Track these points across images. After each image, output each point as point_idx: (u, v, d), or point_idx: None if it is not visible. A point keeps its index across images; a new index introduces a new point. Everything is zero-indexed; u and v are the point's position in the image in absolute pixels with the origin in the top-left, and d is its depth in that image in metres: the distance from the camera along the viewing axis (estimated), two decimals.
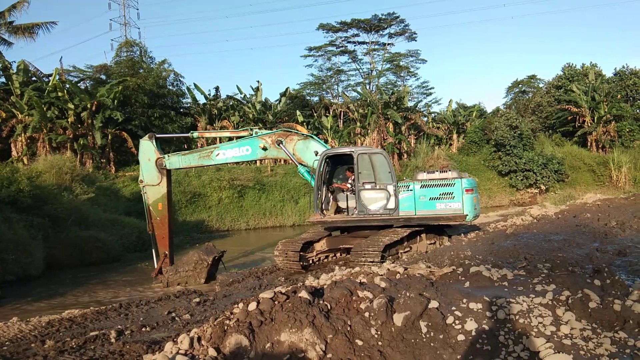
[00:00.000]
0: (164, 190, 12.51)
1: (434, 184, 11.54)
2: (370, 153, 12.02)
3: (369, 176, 11.68)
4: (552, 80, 48.69)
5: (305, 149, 12.30)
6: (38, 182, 16.73)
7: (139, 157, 12.79)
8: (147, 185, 12.49)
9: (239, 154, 12.52)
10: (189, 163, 12.85)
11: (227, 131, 14.23)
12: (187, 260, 12.16)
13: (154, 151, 12.51)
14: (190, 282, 11.84)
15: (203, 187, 27.40)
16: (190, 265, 11.99)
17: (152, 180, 12.45)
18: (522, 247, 8.53)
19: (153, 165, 12.42)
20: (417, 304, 4.68)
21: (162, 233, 12.58)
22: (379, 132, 37.20)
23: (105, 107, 28.45)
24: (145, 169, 12.49)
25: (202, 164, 13.23)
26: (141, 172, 12.63)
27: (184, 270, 11.98)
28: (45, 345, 6.13)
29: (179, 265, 12.18)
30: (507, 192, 36.04)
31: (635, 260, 7.62)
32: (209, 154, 12.60)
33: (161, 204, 12.49)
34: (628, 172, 36.38)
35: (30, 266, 13.44)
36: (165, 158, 12.48)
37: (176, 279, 11.95)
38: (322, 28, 53.11)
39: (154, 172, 12.43)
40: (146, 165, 12.49)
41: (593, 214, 14.68)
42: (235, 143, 12.61)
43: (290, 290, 5.04)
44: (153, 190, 12.49)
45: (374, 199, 11.64)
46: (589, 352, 4.06)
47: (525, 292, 5.40)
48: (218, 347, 4.22)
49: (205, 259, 12.01)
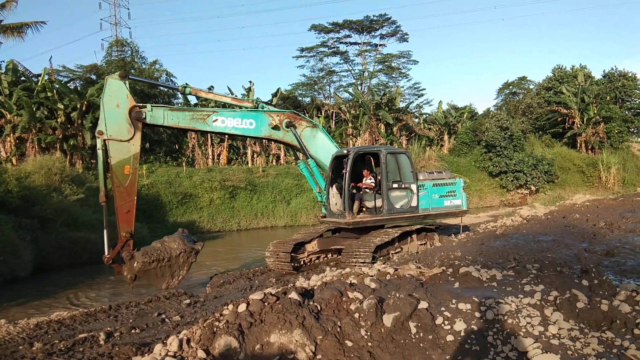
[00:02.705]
0: (136, 150, 10.01)
1: (442, 183, 12.90)
2: (396, 152, 12.53)
3: (393, 175, 12.01)
4: (542, 81, 49.14)
5: (312, 138, 12.04)
6: (27, 183, 16.56)
7: (103, 100, 9.86)
8: (112, 140, 9.73)
9: (240, 125, 11.05)
10: (176, 122, 10.56)
11: (229, 97, 11.59)
12: (160, 249, 9.85)
13: (127, 95, 9.97)
14: (157, 282, 9.75)
15: (194, 188, 27.28)
16: (165, 255, 9.68)
17: (119, 134, 9.78)
18: (511, 247, 8.59)
19: (124, 114, 9.86)
20: (406, 304, 4.70)
21: (127, 206, 10.04)
22: (371, 133, 37.28)
23: (95, 107, 28.22)
24: (111, 118, 9.76)
25: (194, 127, 10.93)
26: (102, 121, 9.75)
27: (157, 261, 9.60)
28: (33, 347, 6.07)
29: (149, 252, 9.72)
30: (498, 193, 36.22)
31: (623, 260, 7.70)
32: (204, 117, 10.72)
33: (129, 167, 9.96)
34: (617, 173, 36.72)
35: (19, 267, 13.29)
36: (146, 108, 10.14)
37: (143, 272, 9.50)
38: (314, 29, 53.19)
39: (124, 124, 9.85)
40: (113, 113, 9.78)
41: (582, 215, 14.81)
42: (238, 112, 11.14)
43: (280, 292, 5.05)
44: (119, 148, 9.82)
45: (400, 197, 12.12)
46: (577, 351, 4.09)
47: (514, 292, 5.44)
48: (207, 348, 4.21)
49: (191, 249, 10.06)
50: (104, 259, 9.85)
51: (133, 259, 9.65)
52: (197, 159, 34.68)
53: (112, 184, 9.96)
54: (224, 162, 35.87)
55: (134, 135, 9.97)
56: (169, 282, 9.90)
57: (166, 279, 9.82)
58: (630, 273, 6.88)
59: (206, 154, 35.57)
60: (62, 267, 15.09)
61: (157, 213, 24.86)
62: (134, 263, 9.57)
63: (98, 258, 15.90)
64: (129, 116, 9.91)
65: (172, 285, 9.93)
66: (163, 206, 25.50)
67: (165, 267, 9.71)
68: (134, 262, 9.58)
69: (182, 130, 11.61)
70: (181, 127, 10.87)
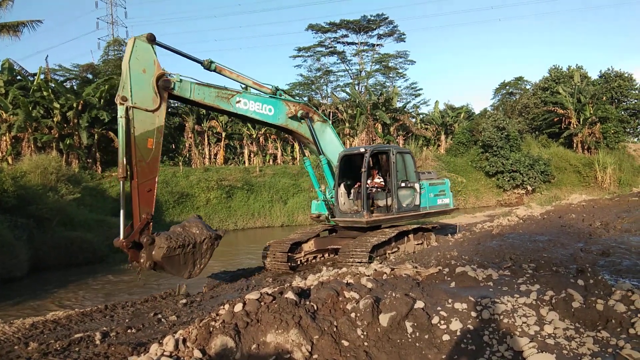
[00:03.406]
0: (160, 122, 8.95)
1: (436, 183, 13.44)
2: (403, 152, 12.74)
3: (401, 175, 12.23)
4: (538, 82, 49.31)
5: (322, 133, 11.96)
6: (23, 182, 16.52)
7: (129, 62, 8.62)
8: (136, 109, 8.56)
9: (260, 110, 10.69)
10: (202, 97, 9.82)
11: (251, 79, 10.83)
12: (183, 233, 8.76)
13: (155, 61, 8.88)
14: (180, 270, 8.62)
15: (191, 188, 27.26)
16: (190, 241, 8.62)
17: (144, 102, 8.70)
18: (507, 247, 8.60)
19: (150, 82, 8.81)
20: (403, 304, 4.71)
21: (149, 183, 8.73)
22: (368, 133, 37.31)
23: (91, 106, 28.19)
24: (137, 84, 8.66)
25: (218, 106, 10.25)
26: (127, 86, 8.57)
27: (182, 247, 8.48)
28: (28, 347, 6.05)
29: (172, 237, 8.57)
30: (494, 193, 36.32)
31: (618, 260, 7.72)
32: (228, 97, 10.18)
33: (152, 141, 8.83)
34: (613, 173, 36.88)
35: (15, 267, 13.26)
36: (174, 77, 9.26)
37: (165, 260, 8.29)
38: (311, 28, 53.24)
39: (150, 92, 8.79)
40: (139, 79, 8.71)
41: (578, 215, 14.85)
42: (259, 97, 10.79)
43: (277, 291, 5.05)
44: (143, 118, 8.69)
45: (407, 196, 12.37)
46: (572, 351, 4.10)
47: (510, 292, 5.45)
48: (203, 348, 4.20)
49: (216, 236, 9.05)
50: (120, 243, 8.27)
51: (153, 244, 8.42)
52: (193, 158, 34.63)
53: (133, 158, 8.55)
54: (220, 161, 35.84)
55: (159, 106, 8.88)
56: (192, 271, 8.78)
57: (188, 268, 8.68)
58: (626, 273, 6.90)
59: (203, 154, 35.53)
60: (58, 266, 15.06)
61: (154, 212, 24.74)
62: (156, 248, 8.35)
63: (94, 258, 16.02)
64: (156, 84, 8.84)
65: (194, 274, 8.93)
66: (160, 206, 25.45)
67: (189, 254, 8.64)
68: (155, 247, 8.36)
69: (205, 107, 10.52)
70: (206, 103, 10.04)
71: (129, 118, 8.48)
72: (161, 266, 8.43)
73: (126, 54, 8.75)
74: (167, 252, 8.30)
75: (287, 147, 39.41)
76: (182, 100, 10.00)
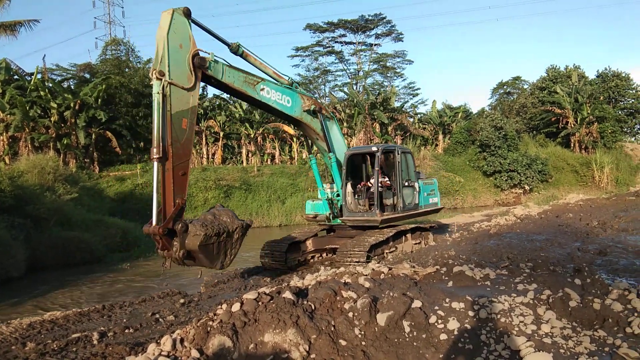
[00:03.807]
0: (194, 103, 8.31)
1: (427, 182, 13.72)
2: (405, 152, 12.92)
3: (405, 174, 12.43)
4: (536, 81, 49.35)
5: (330, 130, 11.92)
6: (20, 182, 16.47)
7: (167, 37, 7.89)
8: (174, 85, 7.92)
9: (280, 100, 10.47)
10: (232, 81, 9.30)
11: (272, 68, 10.42)
12: (214, 221, 8.10)
13: (191, 37, 8.25)
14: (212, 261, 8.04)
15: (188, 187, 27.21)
16: (223, 229, 8.01)
17: (180, 79, 8.02)
18: (505, 246, 8.63)
19: (186, 58, 8.18)
20: (400, 303, 4.71)
21: (182, 166, 8.11)
22: (366, 133, 37.31)
23: (88, 106, 28.14)
24: (174, 59, 7.97)
25: (245, 91, 9.72)
26: (165, 61, 7.87)
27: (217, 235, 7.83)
28: (26, 347, 6.04)
29: (207, 225, 7.89)
30: (492, 192, 36.37)
31: (615, 259, 7.75)
32: (254, 83, 9.80)
33: (186, 121, 8.16)
34: (610, 173, 36.97)
35: (12, 267, 13.23)
36: (209, 57, 8.65)
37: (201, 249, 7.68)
38: (309, 28, 53.27)
39: (185, 69, 8.15)
40: (176, 54, 8.02)
41: (575, 214, 14.89)
42: (280, 87, 10.57)
43: (274, 291, 5.05)
44: (179, 96, 8.02)
45: (409, 195, 12.64)
46: (569, 350, 4.12)
47: (507, 291, 5.46)
48: (201, 348, 4.20)
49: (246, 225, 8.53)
50: (154, 230, 7.53)
51: (187, 231, 7.78)
52: (191, 158, 34.55)
53: (168, 138, 7.85)
54: (218, 161, 35.81)
55: (194, 85, 8.28)
56: (224, 262, 8.23)
57: (220, 258, 8.11)
58: (623, 272, 6.92)
59: (201, 153, 35.49)
60: (55, 266, 15.03)
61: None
62: (190, 236, 7.72)
63: (92, 257, 15.99)
64: (192, 62, 8.23)
65: (226, 265, 8.39)
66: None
67: (222, 244, 8.05)
68: (190, 235, 7.74)
69: (232, 91, 9.67)
70: (235, 87, 9.49)
71: (165, 95, 7.80)
72: (194, 256, 7.81)
73: (162, 26, 8.03)
74: (204, 240, 7.69)
75: (285, 147, 39.40)
76: (212, 81, 9.32)
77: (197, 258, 7.86)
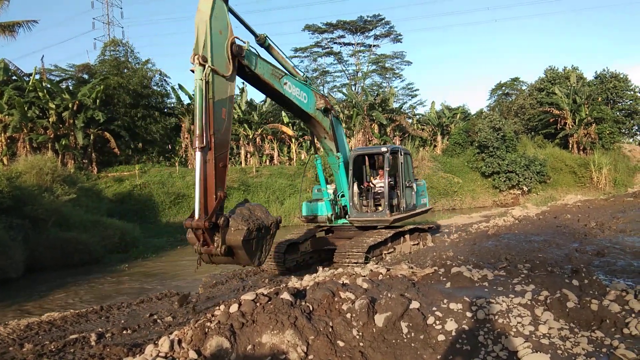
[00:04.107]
0: (232, 92, 8.00)
1: (419, 184, 13.89)
2: (406, 153, 13.16)
3: (406, 175, 12.63)
4: (534, 82, 49.40)
5: (337, 130, 11.88)
6: (18, 183, 16.43)
7: (210, 21, 7.47)
8: (215, 73, 7.49)
9: (298, 96, 10.27)
10: (262, 72, 9.07)
11: (290, 64, 10.26)
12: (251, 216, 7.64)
13: (229, 23, 7.91)
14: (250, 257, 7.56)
15: (187, 188, 27.18)
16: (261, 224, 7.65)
17: (221, 66, 7.63)
18: (503, 247, 8.64)
19: (225, 45, 7.77)
20: (398, 304, 4.71)
21: (223, 157, 7.75)
22: (364, 134, 37.33)
23: (87, 107, 28.11)
24: (215, 46, 7.57)
25: (272, 84, 9.44)
26: (207, 46, 7.45)
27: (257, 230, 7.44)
28: (23, 348, 6.03)
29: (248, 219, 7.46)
30: (490, 193, 36.39)
31: (613, 260, 7.77)
32: (280, 76, 9.59)
33: (225, 111, 7.85)
34: (608, 174, 37.01)
35: (10, 268, 13.19)
36: (245, 45, 8.26)
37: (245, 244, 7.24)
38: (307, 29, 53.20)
39: (225, 56, 7.74)
40: (217, 40, 7.65)
41: (573, 215, 14.92)
42: (298, 82, 10.39)
43: (272, 292, 5.05)
44: (220, 84, 7.65)
45: (409, 195, 12.90)
46: (566, 351, 4.12)
47: (505, 292, 5.47)
48: (199, 349, 4.20)
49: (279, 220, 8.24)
50: (199, 223, 7.05)
51: (228, 226, 7.37)
52: (190, 159, 34.56)
53: (211, 127, 7.46)
54: None
55: (231, 72, 7.88)
56: (261, 258, 7.87)
57: (258, 254, 7.73)
58: (620, 273, 6.94)
59: None
60: (53, 267, 15.00)
61: (150, 213, 24.76)
62: (232, 231, 7.32)
63: (90, 258, 15.95)
64: (230, 49, 7.84)
65: (262, 261, 8.04)
66: (156, 206, 25.40)
67: (260, 239, 7.70)
68: (232, 229, 7.34)
69: (260, 84, 9.20)
70: (264, 79, 9.19)
71: (208, 82, 7.39)
72: (235, 251, 7.37)
73: (203, 10, 7.63)
74: (247, 235, 7.26)
75: (284, 148, 39.39)
76: (246, 71, 8.87)
77: (236, 254, 7.42)
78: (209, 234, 7.19)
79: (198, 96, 7.28)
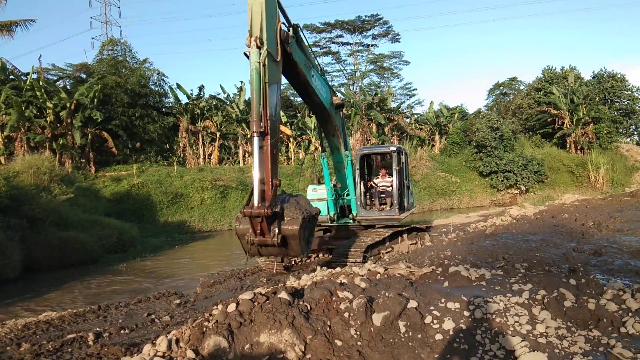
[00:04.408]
0: (280, 79, 7.87)
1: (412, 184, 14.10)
2: (406, 153, 13.28)
3: (405, 174, 12.76)
4: (532, 82, 49.52)
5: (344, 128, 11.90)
6: (15, 183, 16.40)
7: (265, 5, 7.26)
8: (270, 57, 7.29)
9: (320, 89, 10.03)
10: (299, 61, 8.86)
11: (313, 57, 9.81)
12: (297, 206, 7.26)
13: (277, 9, 7.73)
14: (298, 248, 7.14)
15: (185, 188, 27.16)
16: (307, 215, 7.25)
17: (274, 51, 7.43)
18: (500, 247, 8.65)
19: (275, 30, 7.54)
20: (396, 304, 4.72)
21: (275, 144, 7.41)
22: (363, 133, 37.34)
23: (84, 106, 28.04)
24: (269, 28, 7.32)
25: (304, 72, 9.20)
26: (263, 28, 7.19)
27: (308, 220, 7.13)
28: (21, 348, 6.02)
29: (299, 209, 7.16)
30: (488, 193, 36.44)
31: (610, 259, 7.78)
32: (309, 67, 9.38)
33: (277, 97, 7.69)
34: (606, 173, 37.11)
35: (7, 268, 13.17)
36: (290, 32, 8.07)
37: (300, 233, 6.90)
38: (305, 29, 53.13)
39: (274, 41, 7.51)
40: (270, 25, 7.38)
41: (571, 215, 14.94)
42: (320, 76, 10.17)
43: (270, 291, 5.05)
44: (271, 68, 7.37)
45: (409, 194, 13.14)
46: (564, 350, 4.13)
47: (502, 291, 5.48)
48: (196, 349, 4.19)
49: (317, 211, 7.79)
50: (260, 210, 6.61)
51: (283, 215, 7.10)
52: (188, 158, 34.53)
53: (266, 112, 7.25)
54: (215, 161, 35.74)
55: (279, 57, 7.65)
56: (307, 249, 7.57)
57: (302, 245, 7.32)
58: (618, 272, 6.96)
59: (197, 154, 35.42)
60: (51, 267, 14.97)
61: (148, 213, 24.72)
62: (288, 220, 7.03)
63: (87, 258, 15.91)
64: (279, 34, 7.65)
65: (307, 253, 7.81)
66: (153, 206, 25.35)
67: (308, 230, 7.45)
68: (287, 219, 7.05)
69: (294, 73, 8.93)
70: (300, 69, 8.93)
71: (265, 65, 7.13)
72: (288, 241, 7.06)
73: None
74: (302, 224, 6.97)
75: (282, 148, 39.37)
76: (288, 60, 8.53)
77: (289, 244, 7.09)
78: (268, 222, 6.81)
79: (255, 80, 7.01)
